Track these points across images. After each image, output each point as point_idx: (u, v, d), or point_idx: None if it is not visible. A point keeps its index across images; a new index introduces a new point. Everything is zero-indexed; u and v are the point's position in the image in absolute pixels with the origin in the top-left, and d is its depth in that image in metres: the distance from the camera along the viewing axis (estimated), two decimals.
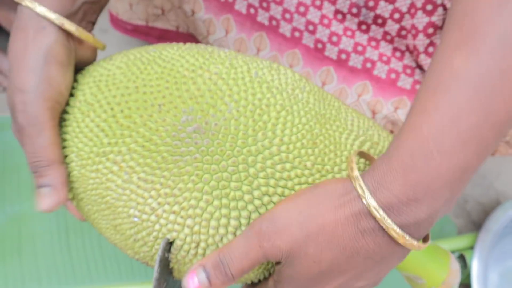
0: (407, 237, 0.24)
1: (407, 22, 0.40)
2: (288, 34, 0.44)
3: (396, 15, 0.41)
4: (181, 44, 0.35)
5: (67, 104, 0.33)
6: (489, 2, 0.23)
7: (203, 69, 0.31)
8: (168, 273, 0.34)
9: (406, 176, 0.23)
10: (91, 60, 0.36)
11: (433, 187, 0.23)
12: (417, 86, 0.43)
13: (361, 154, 0.30)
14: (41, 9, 0.29)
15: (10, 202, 0.63)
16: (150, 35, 0.56)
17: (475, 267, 0.57)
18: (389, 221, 0.23)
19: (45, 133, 0.30)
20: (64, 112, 0.33)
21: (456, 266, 0.35)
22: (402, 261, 0.29)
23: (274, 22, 0.44)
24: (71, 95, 0.34)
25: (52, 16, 0.30)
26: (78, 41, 0.33)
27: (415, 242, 0.25)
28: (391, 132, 0.46)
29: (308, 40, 0.45)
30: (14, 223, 0.61)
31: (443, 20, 0.39)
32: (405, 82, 0.43)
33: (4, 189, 0.63)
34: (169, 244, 0.32)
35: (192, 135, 0.28)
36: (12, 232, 0.61)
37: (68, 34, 0.32)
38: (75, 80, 0.34)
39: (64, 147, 0.33)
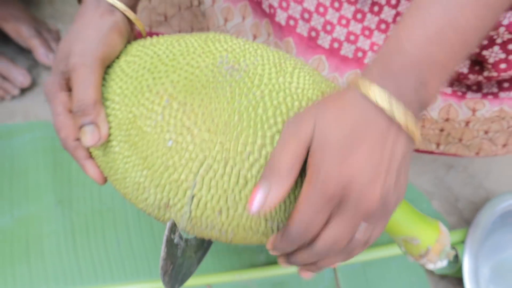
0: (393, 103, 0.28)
1: (402, 7, 0.44)
2: (283, 23, 0.48)
3: (393, 1, 0.44)
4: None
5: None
6: None
7: (232, 41, 0.37)
8: (175, 255, 0.37)
9: (383, 63, 0.29)
10: None
11: (402, 70, 0.28)
12: None
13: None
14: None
15: (18, 206, 0.65)
16: None
17: (466, 260, 0.59)
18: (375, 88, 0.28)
19: (94, 75, 0.35)
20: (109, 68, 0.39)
21: (445, 228, 0.38)
22: (399, 226, 0.35)
23: (272, 10, 0.48)
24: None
25: (119, 4, 0.38)
26: (131, 26, 0.41)
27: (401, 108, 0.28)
28: None
29: (302, 28, 0.47)
30: (22, 225, 0.63)
31: None
32: None
33: (12, 193, 0.66)
34: (175, 226, 0.35)
35: (228, 70, 0.34)
36: (20, 234, 0.63)
37: (127, 19, 0.39)
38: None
39: (106, 92, 0.37)
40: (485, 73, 0.43)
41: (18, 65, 0.75)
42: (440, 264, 0.38)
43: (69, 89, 0.37)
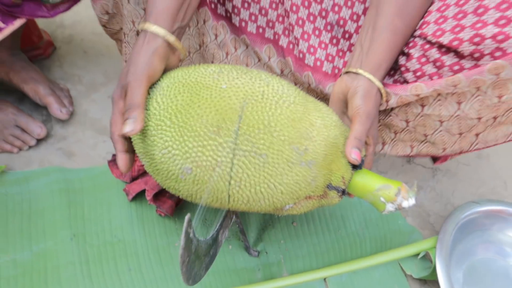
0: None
1: None
2: (285, 46, 0.67)
3: (359, 30, 0.62)
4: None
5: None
6: None
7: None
8: (190, 248, 0.45)
9: (370, 66, 0.55)
10: (175, 66, 0.55)
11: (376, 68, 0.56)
12: None
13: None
14: (154, 28, 0.51)
15: (36, 241, 0.71)
16: None
17: (438, 263, 0.67)
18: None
19: (142, 87, 0.49)
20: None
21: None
22: (374, 181, 0.50)
23: (276, 37, 0.67)
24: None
25: (161, 31, 0.51)
26: (172, 49, 0.53)
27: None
28: None
29: (295, 51, 0.65)
30: (40, 258, 0.70)
31: None
32: None
33: (30, 230, 0.73)
34: (191, 221, 0.43)
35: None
36: (39, 266, 0.69)
37: (168, 43, 0.52)
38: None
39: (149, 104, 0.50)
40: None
41: (35, 119, 0.85)
42: (412, 201, 0.49)
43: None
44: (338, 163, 0.50)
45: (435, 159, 0.76)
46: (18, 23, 0.73)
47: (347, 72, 0.57)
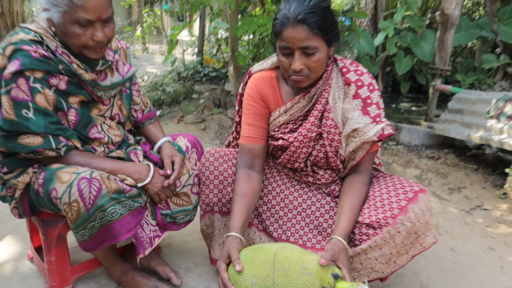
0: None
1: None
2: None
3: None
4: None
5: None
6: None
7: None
8: None
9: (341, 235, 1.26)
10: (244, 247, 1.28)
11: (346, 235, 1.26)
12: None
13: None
14: (235, 234, 1.25)
15: None
16: None
17: None
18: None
19: (236, 254, 1.21)
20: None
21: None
22: (346, 284, 1.10)
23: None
24: None
25: (239, 235, 1.25)
26: (242, 241, 1.27)
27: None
28: None
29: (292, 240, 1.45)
30: None
31: None
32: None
33: None
34: None
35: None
36: None
37: (241, 239, 1.25)
38: None
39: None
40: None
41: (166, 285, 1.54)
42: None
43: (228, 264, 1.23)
44: (326, 276, 1.19)
45: (381, 279, 1.44)
46: (164, 234, 1.53)
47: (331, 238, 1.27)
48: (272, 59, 1.47)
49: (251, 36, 4.28)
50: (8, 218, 2.05)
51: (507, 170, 2.34)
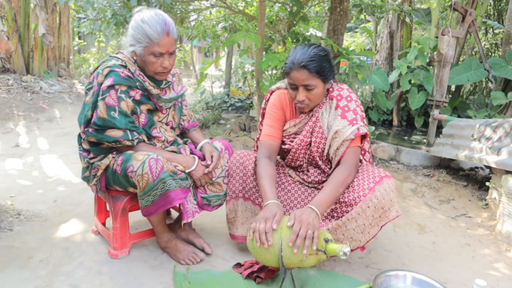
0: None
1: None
2: None
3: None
4: None
5: None
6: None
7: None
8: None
9: (318, 205, 1.63)
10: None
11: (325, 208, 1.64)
12: None
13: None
14: (275, 201, 1.67)
15: None
16: None
17: None
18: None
19: (281, 214, 1.60)
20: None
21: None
22: (334, 245, 1.55)
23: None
24: None
25: (276, 201, 1.67)
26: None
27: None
28: None
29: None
30: None
31: None
32: None
33: None
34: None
35: None
36: None
37: (279, 204, 1.69)
38: None
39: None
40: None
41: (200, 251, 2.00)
42: (347, 249, 1.53)
43: None
44: (320, 241, 1.63)
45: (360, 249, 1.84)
46: (201, 212, 2.01)
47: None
48: (286, 81, 2.00)
49: (274, 71, 4.87)
50: (70, 208, 2.58)
51: (487, 183, 2.73)
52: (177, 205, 2.31)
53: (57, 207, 2.88)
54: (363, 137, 1.89)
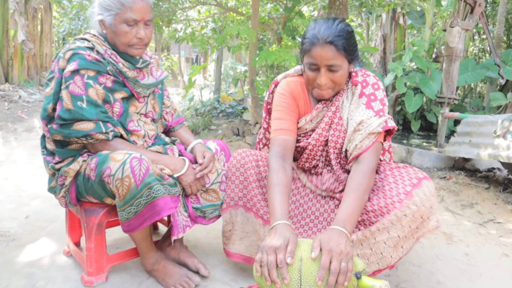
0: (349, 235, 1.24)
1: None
2: None
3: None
4: None
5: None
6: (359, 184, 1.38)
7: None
8: None
9: (343, 224, 1.26)
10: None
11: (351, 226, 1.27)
12: None
13: None
14: (286, 222, 1.28)
15: None
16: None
17: None
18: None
19: (295, 243, 1.19)
20: None
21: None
22: (369, 280, 1.13)
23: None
24: None
25: (289, 222, 1.29)
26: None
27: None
28: None
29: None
30: None
31: None
32: None
33: None
34: None
35: None
36: None
37: (290, 226, 1.28)
38: None
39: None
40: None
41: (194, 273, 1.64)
42: None
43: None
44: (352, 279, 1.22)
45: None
46: (194, 226, 1.66)
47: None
48: (295, 68, 1.66)
49: (267, 72, 4.57)
50: (43, 224, 2.20)
51: None
52: (166, 218, 1.94)
53: (28, 224, 2.49)
54: (387, 133, 1.56)
